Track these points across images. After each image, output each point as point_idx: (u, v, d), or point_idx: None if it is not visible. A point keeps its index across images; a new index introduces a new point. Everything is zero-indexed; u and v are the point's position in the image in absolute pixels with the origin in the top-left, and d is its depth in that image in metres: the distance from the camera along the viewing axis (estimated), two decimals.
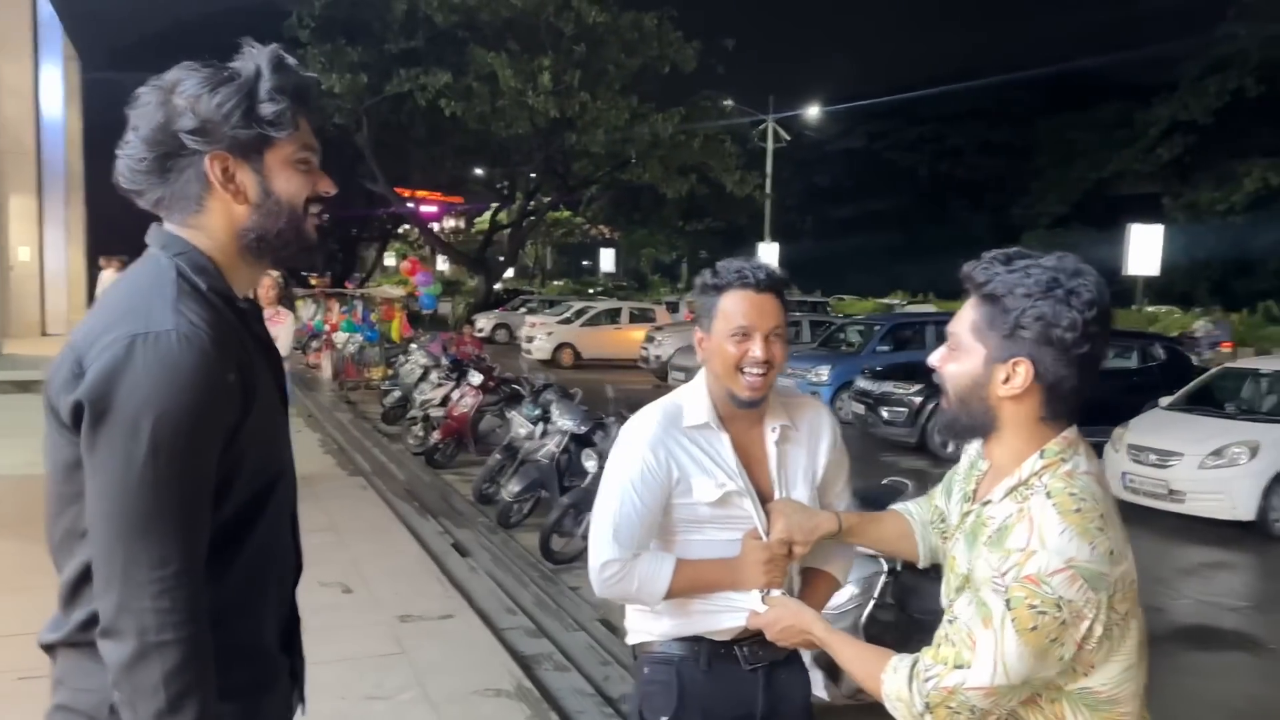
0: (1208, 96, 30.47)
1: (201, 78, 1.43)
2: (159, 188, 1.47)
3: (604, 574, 2.01)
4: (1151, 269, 23.61)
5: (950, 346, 1.63)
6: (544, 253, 60.48)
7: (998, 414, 1.59)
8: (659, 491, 2.02)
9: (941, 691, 1.54)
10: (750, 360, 2.00)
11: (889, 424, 12.24)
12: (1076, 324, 1.50)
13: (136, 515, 1.32)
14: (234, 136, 1.44)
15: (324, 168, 1.59)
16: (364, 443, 10.93)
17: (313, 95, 1.53)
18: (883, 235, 42.39)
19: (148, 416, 1.31)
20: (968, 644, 1.52)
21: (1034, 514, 1.51)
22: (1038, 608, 1.45)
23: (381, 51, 24.83)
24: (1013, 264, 1.56)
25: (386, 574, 5.71)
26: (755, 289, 2.02)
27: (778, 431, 2.13)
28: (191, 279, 1.44)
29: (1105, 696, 1.55)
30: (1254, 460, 8.29)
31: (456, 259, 38.53)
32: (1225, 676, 5.52)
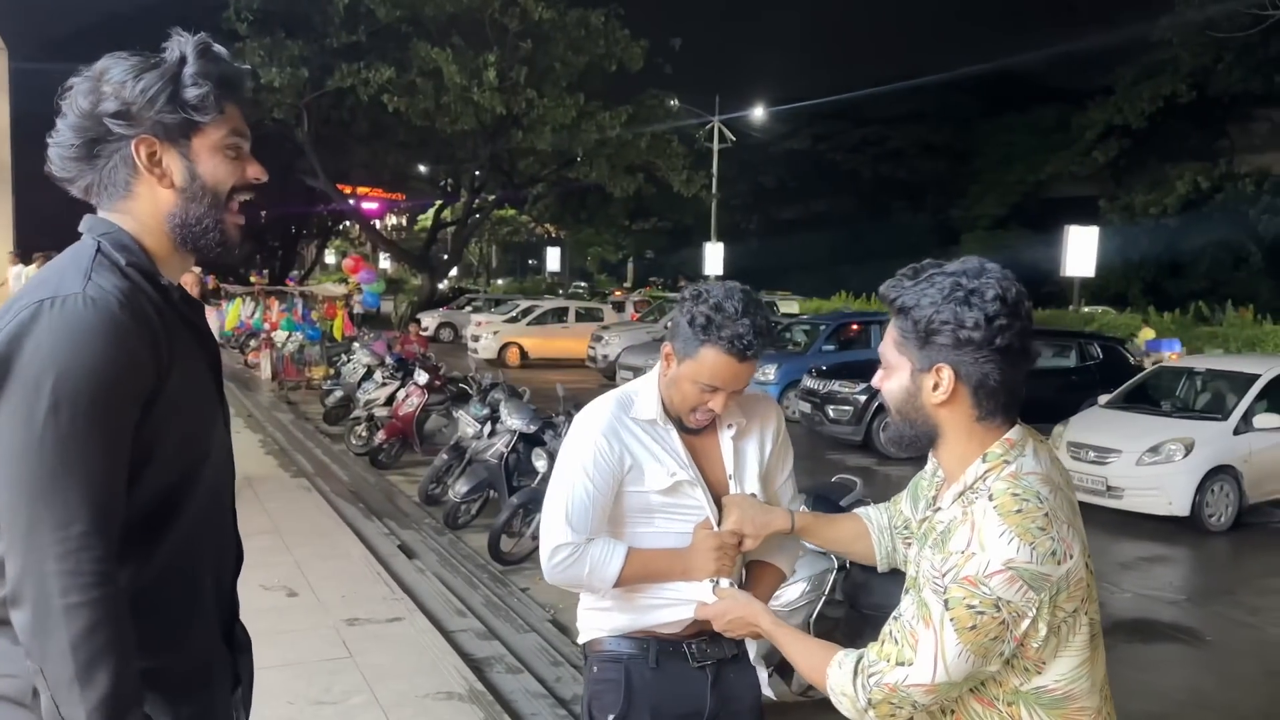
0: (1141, 101, 31.22)
1: (128, 65, 1.45)
2: (88, 174, 1.48)
3: (555, 558, 2.00)
4: (1087, 270, 24.10)
5: (883, 366, 1.68)
6: (489, 251, 60.04)
7: (936, 421, 1.62)
8: (611, 477, 2.04)
9: (884, 688, 1.57)
10: (705, 410, 2.05)
11: (835, 422, 12.35)
12: (980, 321, 1.53)
13: (37, 475, 1.29)
14: (159, 121, 1.46)
15: (263, 162, 1.59)
16: (306, 444, 10.72)
17: (241, 82, 1.54)
18: (826, 236, 42.78)
19: (49, 375, 1.30)
20: (910, 642, 1.55)
21: (976, 517, 1.52)
22: (976, 608, 1.47)
23: (322, 45, 24.39)
24: (918, 277, 1.61)
25: (332, 577, 5.59)
26: (741, 359, 1.99)
27: (733, 428, 2.15)
28: (111, 255, 1.44)
29: (1060, 694, 1.57)
30: (1189, 457, 8.51)
31: (400, 257, 38.09)
32: (1164, 668, 5.65)
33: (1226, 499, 8.60)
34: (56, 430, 1.29)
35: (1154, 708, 5.01)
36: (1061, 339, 13.64)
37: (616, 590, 2.05)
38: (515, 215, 47.67)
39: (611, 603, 2.10)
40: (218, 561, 1.60)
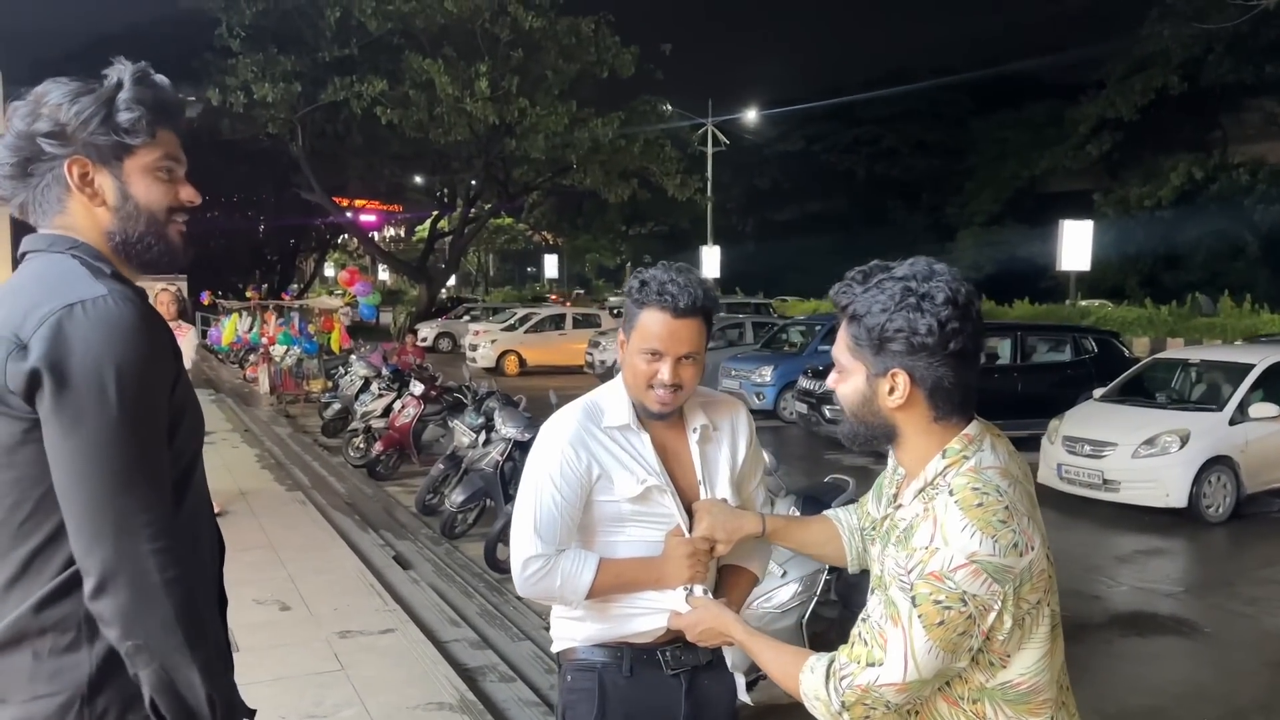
0: (1134, 94, 31.22)
1: (67, 89, 1.50)
2: (22, 192, 1.53)
3: (526, 571, 1.98)
4: (1083, 264, 24.11)
5: (837, 369, 1.68)
6: (487, 260, 60.11)
7: (893, 423, 1.63)
8: (579, 487, 2.01)
9: (856, 690, 1.57)
10: (658, 381, 2.01)
11: (832, 422, 12.31)
12: (934, 328, 1.54)
13: (121, 466, 1.37)
14: (91, 142, 1.50)
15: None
16: (303, 457, 10.73)
17: (177, 110, 1.59)
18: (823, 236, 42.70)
19: (109, 371, 1.36)
20: (879, 642, 1.55)
21: (938, 513, 1.53)
22: (943, 603, 1.48)
23: (315, 60, 24.47)
24: (868, 281, 1.62)
25: (325, 590, 5.59)
26: (674, 313, 1.98)
27: (699, 432, 2.13)
28: (96, 265, 1.49)
29: (1026, 688, 1.58)
30: (1185, 448, 8.50)
31: (397, 268, 38.14)
32: (1162, 661, 5.64)
33: (1224, 490, 8.58)
34: (132, 421, 1.37)
35: (1152, 701, 5.00)
36: (1056, 334, 13.63)
37: (590, 600, 2.02)
38: (512, 224, 47.76)
39: (584, 611, 2.08)
40: (211, 548, 1.66)
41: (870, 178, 46.24)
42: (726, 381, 15.32)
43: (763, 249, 44.30)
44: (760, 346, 16.85)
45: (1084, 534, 8.23)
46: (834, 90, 40.88)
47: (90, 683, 1.41)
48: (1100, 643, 5.75)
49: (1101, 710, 4.79)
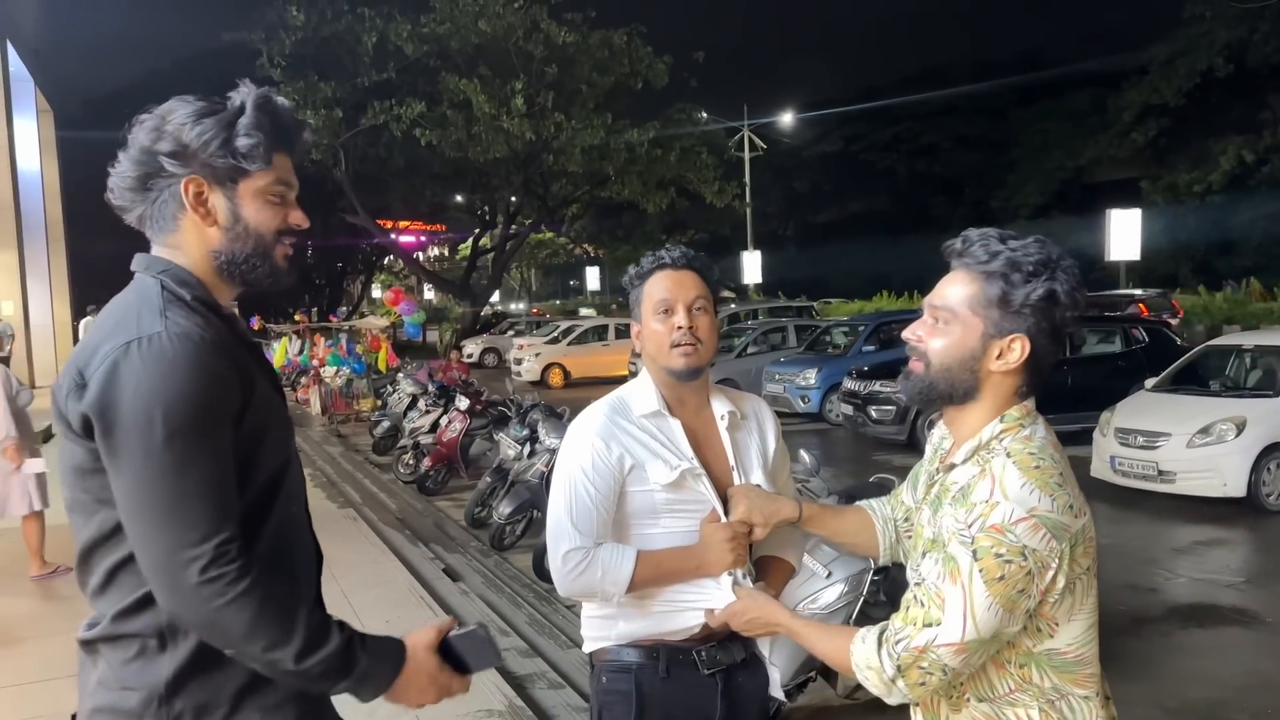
0: (1178, 78, 30.65)
1: (191, 109, 1.56)
2: (140, 205, 1.58)
3: (567, 565, 1.96)
4: (1132, 254, 23.67)
5: (939, 319, 1.64)
6: (529, 275, 60.52)
7: (981, 385, 1.62)
8: (611, 479, 2.01)
9: (913, 652, 1.54)
10: (678, 333, 2.05)
11: (878, 423, 12.25)
12: (1072, 304, 1.57)
13: (166, 502, 1.40)
14: (209, 164, 1.55)
15: (304, 204, 1.69)
16: (355, 475, 10.90)
17: (294, 135, 1.64)
18: (865, 237, 42.45)
19: (157, 410, 1.39)
20: (936, 602, 1.53)
21: (995, 471, 1.55)
22: (1004, 556, 1.48)
23: (354, 85, 24.90)
24: (1008, 243, 1.60)
25: (377, 603, 5.68)
26: (672, 267, 2.11)
27: (726, 418, 2.14)
28: (176, 291, 1.54)
29: (1072, 657, 1.59)
30: (1241, 436, 8.31)
31: (441, 287, 38.55)
32: (1224, 653, 5.51)
33: None
34: (174, 459, 1.40)
35: (1214, 694, 4.89)
36: (1105, 324, 13.40)
37: (630, 594, 2.00)
38: (553, 238, 48.02)
39: (617, 610, 2.06)
40: (305, 558, 1.71)
41: (911, 175, 45.82)
42: (770, 386, 15.26)
43: (804, 252, 44.10)
44: (803, 349, 16.78)
45: (1140, 527, 8.08)
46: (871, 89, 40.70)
47: (167, 685, 1.48)
48: (1158, 636, 5.65)
49: (1161, 704, 4.71)
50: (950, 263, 1.67)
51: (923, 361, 1.65)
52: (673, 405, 2.11)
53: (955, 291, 1.63)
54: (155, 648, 1.49)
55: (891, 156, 46.09)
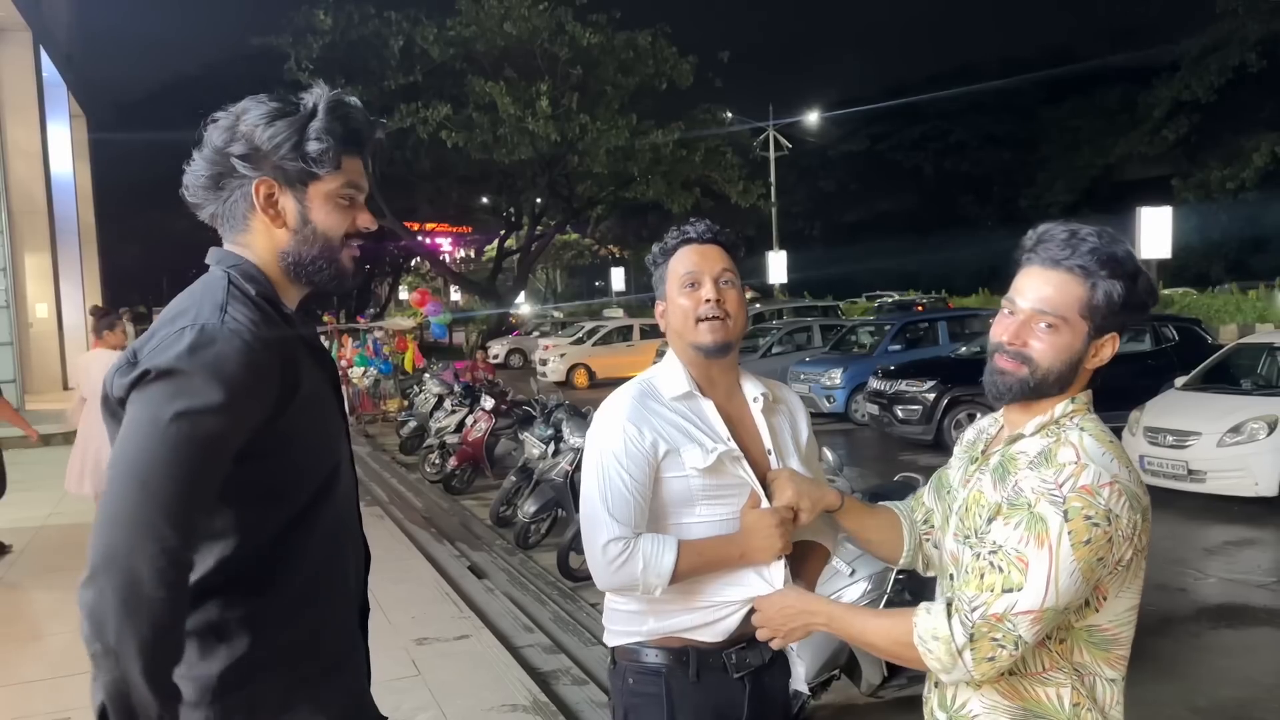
0: (1209, 75, 30.27)
1: (264, 110, 1.57)
2: (212, 203, 1.62)
3: (608, 555, 1.86)
4: (1163, 251, 23.30)
5: (1047, 324, 1.62)
6: (555, 276, 60.71)
7: (1073, 378, 1.65)
8: (645, 465, 1.92)
9: (990, 620, 1.52)
10: (705, 306, 1.98)
11: (904, 422, 12.19)
12: (1152, 301, 1.64)
13: (164, 475, 1.39)
14: (280, 166, 1.57)
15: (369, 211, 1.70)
16: (382, 474, 11.00)
17: (367, 137, 1.65)
18: (892, 236, 42.28)
19: (187, 396, 1.41)
20: (1018, 566, 1.51)
21: (1074, 439, 1.58)
22: (1092, 519, 1.49)
23: (381, 88, 25.06)
24: (1095, 241, 1.61)
25: (403, 600, 5.73)
26: (698, 241, 2.06)
27: (760, 400, 2.07)
28: (242, 286, 1.57)
29: (1110, 635, 1.60)
30: (1273, 435, 8.20)
31: (468, 288, 38.73)
32: (1254, 653, 5.44)
33: None
34: (175, 440, 1.40)
35: (1244, 693, 4.84)
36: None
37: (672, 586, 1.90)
38: (578, 239, 48.14)
39: (648, 605, 1.97)
40: (354, 559, 1.73)
41: (939, 173, 45.58)
42: (796, 385, 15.19)
43: (830, 252, 43.93)
44: (829, 349, 16.72)
45: (1169, 527, 7.99)
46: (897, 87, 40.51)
47: (220, 678, 1.50)
48: (1188, 636, 5.59)
49: (1191, 704, 4.66)
50: (1035, 261, 1.65)
51: (1026, 365, 1.63)
52: (703, 386, 2.02)
53: (1062, 295, 1.61)
54: (205, 646, 1.51)
55: (919, 155, 45.86)
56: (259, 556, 1.54)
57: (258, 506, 1.54)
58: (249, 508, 1.53)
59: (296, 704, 1.55)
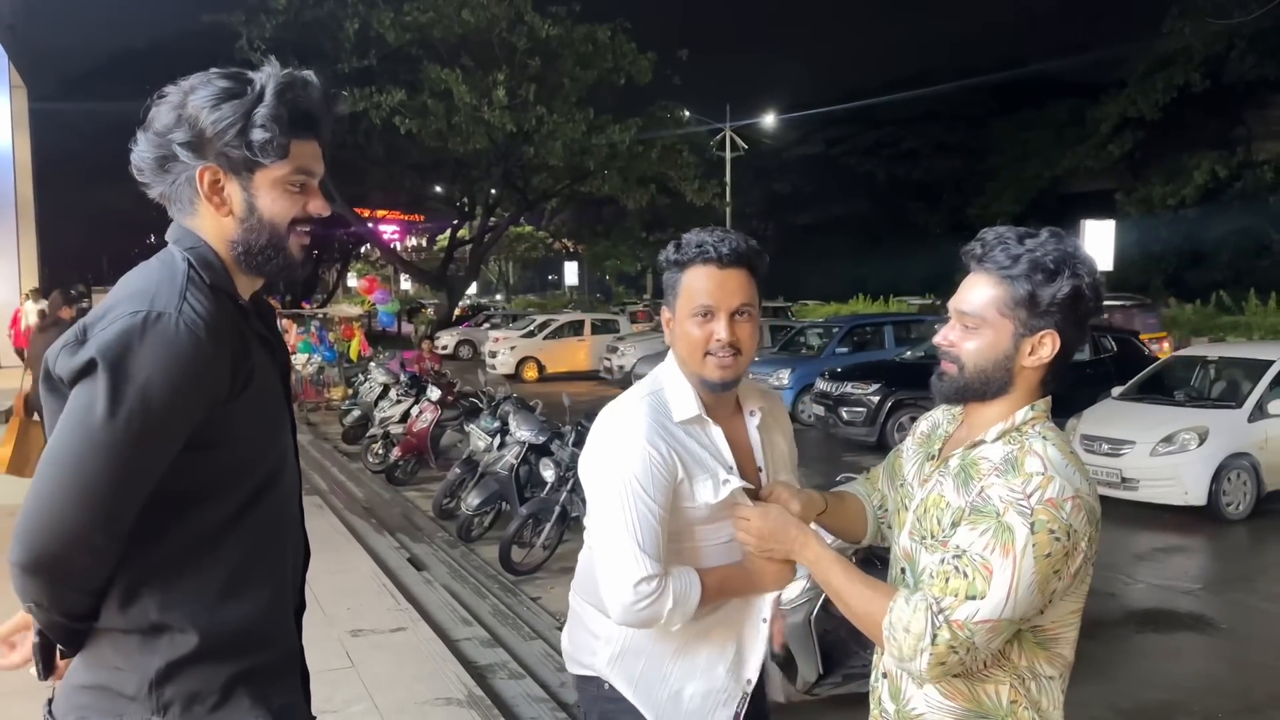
0: (1155, 93, 30.91)
1: (212, 91, 1.49)
2: (160, 184, 1.56)
3: (639, 593, 1.76)
4: (1105, 264, 23.89)
5: (968, 325, 1.67)
6: (507, 268, 60.36)
7: (1012, 380, 1.67)
8: (668, 491, 1.82)
9: (953, 625, 1.54)
10: (716, 345, 1.86)
11: (849, 424, 12.32)
12: (1095, 299, 1.63)
13: (84, 466, 1.37)
14: (224, 153, 1.51)
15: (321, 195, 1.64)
16: (323, 463, 10.84)
17: (322, 119, 1.58)
18: (843, 240, 42.69)
19: (135, 389, 1.37)
20: (983, 573, 1.53)
21: (1038, 448, 1.60)
22: (1055, 533, 1.51)
23: (335, 71, 24.68)
24: (1026, 243, 1.63)
25: (339, 590, 5.65)
26: (719, 264, 1.86)
27: (757, 416, 2.02)
28: (199, 272, 1.51)
29: (1052, 635, 1.63)
30: (1204, 446, 8.42)
31: (418, 277, 38.37)
32: (1178, 657, 5.60)
33: (1244, 487, 8.50)
34: (115, 438, 1.37)
35: (1167, 696, 4.97)
36: None
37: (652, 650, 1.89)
38: (532, 232, 47.92)
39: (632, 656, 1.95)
40: (294, 554, 1.70)
41: (891, 180, 46.02)
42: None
43: (783, 253, 44.18)
44: (777, 350, 16.84)
45: (1102, 532, 8.12)
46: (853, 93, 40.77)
47: (159, 673, 1.48)
48: (1116, 639, 5.72)
49: (1115, 705, 4.77)
50: (970, 265, 1.70)
51: (955, 364, 1.68)
52: (709, 406, 1.94)
53: (981, 296, 1.66)
54: (144, 641, 1.49)
55: (872, 161, 46.26)
56: (201, 550, 1.52)
57: (202, 500, 1.52)
58: (193, 501, 1.51)
59: (234, 697, 1.53)
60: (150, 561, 1.48)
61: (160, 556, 1.49)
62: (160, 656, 1.48)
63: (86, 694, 1.51)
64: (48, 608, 1.46)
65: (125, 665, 1.49)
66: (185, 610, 1.50)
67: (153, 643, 1.49)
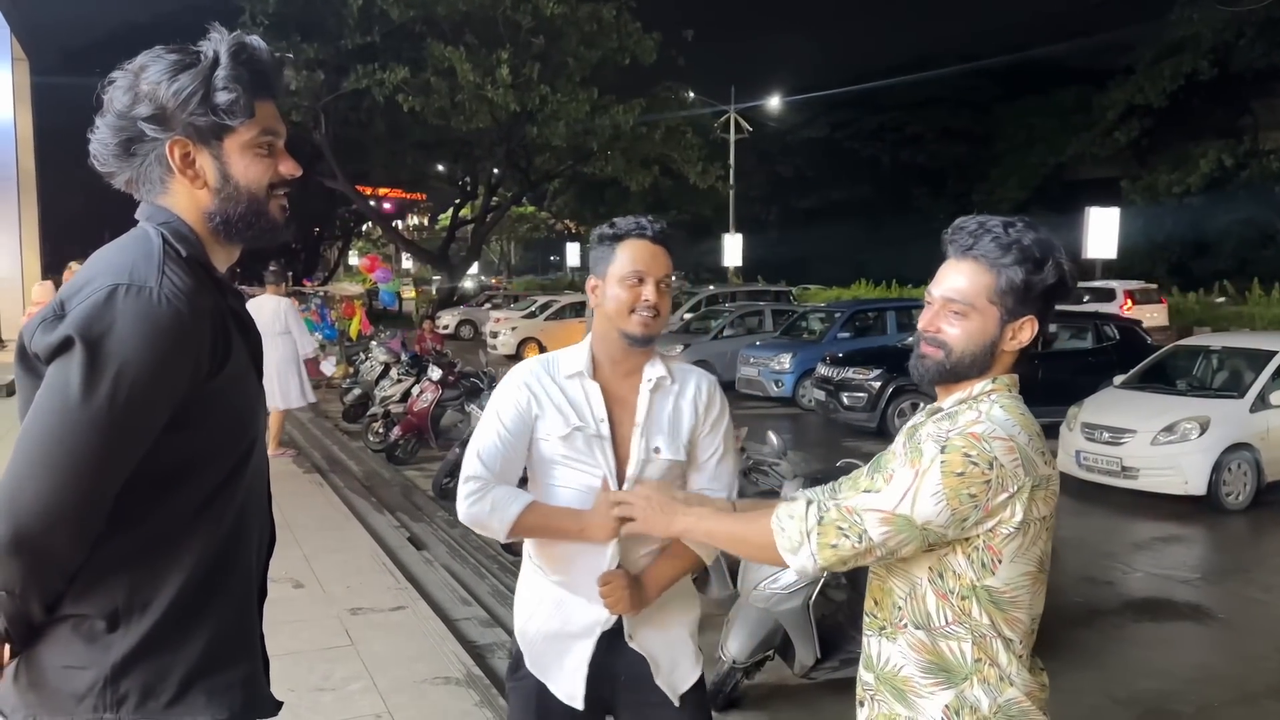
0: (1163, 80, 30.81)
1: (165, 64, 1.48)
2: (126, 169, 1.52)
3: (465, 489, 2.07)
4: (1109, 252, 23.89)
5: (955, 311, 1.72)
6: (509, 248, 60.26)
7: (994, 363, 1.73)
8: (520, 422, 2.13)
9: (843, 510, 1.63)
10: (643, 304, 2.12)
11: (849, 409, 12.31)
12: (1070, 284, 1.71)
13: (64, 445, 1.34)
14: (191, 124, 1.49)
15: (290, 156, 1.61)
16: (323, 441, 10.85)
17: (275, 78, 1.56)
18: (846, 224, 42.57)
19: (115, 364, 1.34)
20: (884, 478, 1.63)
21: (982, 408, 1.67)
22: (971, 457, 1.57)
23: (338, 48, 24.58)
24: (1010, 232, 1.69)
25: (338, 569, 5.66)
26: (651, 239, 2.16)
27: (652, 381, 2.19)
28: (174, 246, 1.48)
29: (1008, 597, 1.67)
30: (1204, 435, 8.41)
31: (420, 256, 38.32)
32: (1174, 646, 5.60)
33: (1244, 477, 8.49)
34: (96, 417, 1.34)
35: (1162, 685, 4.97)
36: (1077, 320, 13.51)
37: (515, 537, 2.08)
38: (534, 212, 47.83)
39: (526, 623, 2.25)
40: (259, 540, 1.67)
41: (895, 165, 45.91)
42: (745, 369, 15.29)
43: (786, 237, 44.13)
44: (779, 334, 16.82)
45: (1101, 520, 8.18)
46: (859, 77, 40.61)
47: (114, 667, 1.44)
48: (1112, 628, 5.73)
49: (1111, 693, 4.78)
50: (950, 252, 1.75)
51: (941, 350, 1.73)
52: (606, 365, 2.19)
53: (970, 283, 1.71)
54: (104, 629, 1.45)
55: (876, 145, 46.13)
56: (173, 532, 1.48)
57: (178, 481, 1.48)
58: (169, 483, 1.47)
59: (191, 689, 1.49)
60: (120, 543, 1.44)
61: (132, 539, 1.45)
62: (118, 648, 1.45)
63: (35, 692, 1.47)
64: (19, 594, 1.40)
65: (79, 660, 1.45)
66: (147, 597, 1.46)
67: (111, 631, 1.45)
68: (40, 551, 1.36)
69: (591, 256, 2.22)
